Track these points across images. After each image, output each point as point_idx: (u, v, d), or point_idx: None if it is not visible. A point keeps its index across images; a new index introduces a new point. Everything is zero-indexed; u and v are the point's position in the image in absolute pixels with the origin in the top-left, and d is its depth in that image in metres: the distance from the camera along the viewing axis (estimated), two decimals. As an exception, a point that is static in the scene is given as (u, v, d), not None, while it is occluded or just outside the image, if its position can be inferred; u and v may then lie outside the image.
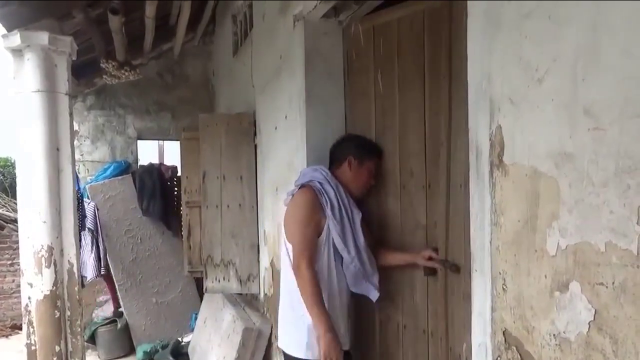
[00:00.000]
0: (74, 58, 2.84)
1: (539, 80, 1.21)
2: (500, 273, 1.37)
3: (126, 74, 4.31)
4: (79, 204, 4.44)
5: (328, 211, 2.11)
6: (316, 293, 2.04)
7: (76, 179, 2.89)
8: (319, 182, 2.17)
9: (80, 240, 4.59)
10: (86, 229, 4.67)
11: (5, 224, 6.38)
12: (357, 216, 2.17)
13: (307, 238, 2.10)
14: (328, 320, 2.03)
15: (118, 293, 5.05)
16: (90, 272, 4.75)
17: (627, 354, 1.00)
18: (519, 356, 1.31)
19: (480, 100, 1.45)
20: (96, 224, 4.83)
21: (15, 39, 2.59)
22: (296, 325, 2.15)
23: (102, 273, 4.79)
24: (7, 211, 6.86)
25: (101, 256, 4.79)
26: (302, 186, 2.22)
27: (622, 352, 1.00)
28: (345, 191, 2.20)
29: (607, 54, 1.04)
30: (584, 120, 1.08)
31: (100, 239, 4.82)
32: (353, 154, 2.23)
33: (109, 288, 5.16)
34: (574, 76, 1.11)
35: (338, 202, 2.14)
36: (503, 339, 1.37)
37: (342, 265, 2.19)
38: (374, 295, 2.22)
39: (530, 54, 1.25)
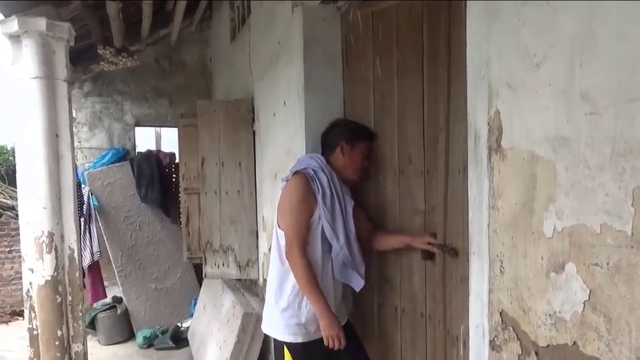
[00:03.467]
0: (72, 44, 2.83)
1: (536, 65, 1.23)
2: (497, 255, 1.40)
3: (123, 60, 4.30)
4: (77, 190, 4.46)
5: (319, 198, 2.11)
6: (310, 278, 2.07)
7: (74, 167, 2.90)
8: (313, 170, 2.18)
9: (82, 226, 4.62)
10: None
11: (3, 211, 6.38)
12: (350, 204, 2.18)
13: (299, 224, 2.12)
14: (324, 302, 2.07)
15: (118, 279, 5.07)
16: (87, 258, 4.77)
17: (620, 331, 1.03)
18: (515, 336, 1.34)
19: (479, 86, 1.46)
20: (89, 209, 4.84)
21: (13, 24, 2.58)
22: (277, 308, 2.18)
23: (95, 259, 4.80)
24: (4, 198, 6.86)
25: (94, 242, 4.79)
26: (295, 173, 2.23)
27: (616, 330, 1.04)
28: (340, 179, 2.21)
29: (603, 40, 1.05)
30: (580, 104, 1.10)
31: (93, 225, 4.81)
32: (344, 138, 2.23)
33: (92, 276, 5.10)
34: (571, 62, 1.13)
35: (330, 190, 2.15)
36: (500, 319, 1.40)
37: (330, 252, 2.21)
38: (358, 284, 2.23)
39: (528, 40, 1.26)
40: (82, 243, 4.70)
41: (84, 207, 4.76)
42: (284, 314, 2.16)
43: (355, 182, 2.30)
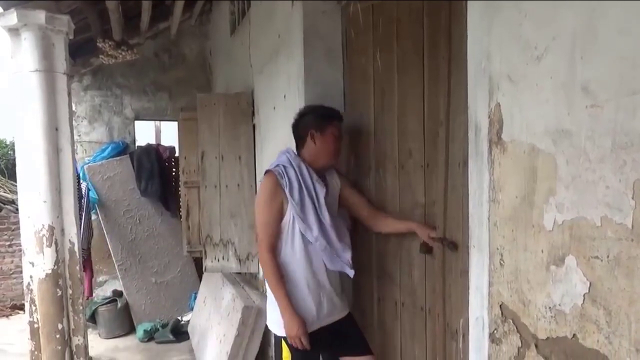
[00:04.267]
0: (71, 37, 2.82)
1: (537, 58, 1.23)
2: (497, 248, 1.40)
3: (123, 53, 4.29)
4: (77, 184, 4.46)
5: (287, 193, 2.13)
6: (276, 276, 2.12)
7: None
8: (284, 166, 2.19)
9: (81, 219, 4.62)
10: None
11: (2, 205, 6.38)
12: (322, 193, 2.17)
13: (267, 223, 2.15)
14: (288, 302, 2.10)
15: (118, 273, 5.08)
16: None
17: (620, 324, 1.03)
18: (515, 328, 1.34)
19: (480, 79, 1.46)
20: (87, 204, 4.86)
21: (12, 17, 2.57)
22: (274, 303, 2.20)
23: (87, 248, 4.81)
24: (4, 192, 6.86)
25: (83, 238, 4.81)
26: (267, 172, 2.25)
27: (615, 322, 1.04)
28: (311, 170, 2.21)
29: (604, 33, 1.05)
30: (581, 97, 1.10)
31: (85, 216, 4.82)
32: (313, 127, 2.23)
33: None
34: (572, 54, 1.13)
35: (298, 182, 2.15)
36: (500, 312, 1.40)
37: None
38: (349, 272, 2.23)
39: (529, 33, 1.26)
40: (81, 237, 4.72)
41: (83, 201, 4.77)
42: (277, 306, 2.17)
43: (331, 165, 2.30)
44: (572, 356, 1.16)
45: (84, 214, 4.83)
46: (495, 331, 1.44)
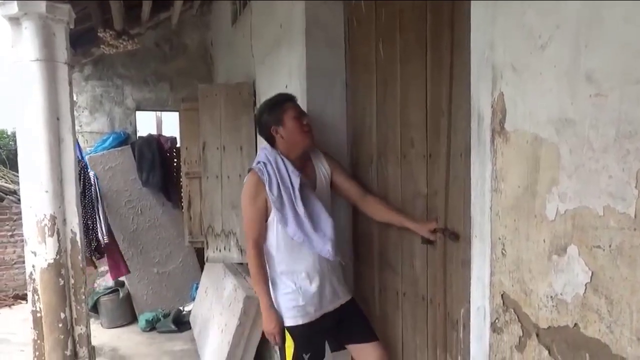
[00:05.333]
0: (72, 27, 2.81)
1: (541, 47, 1.22)
2: (499, 238, 1.40)
3: (124, 43, 4.28)
4: (84, 173, 4.47)
5: (267, 188, 2.15)
6: (260, 272, 2.18)
7: (78, 149, 2.89)
8: (263, 162, 2.21)
9: (92, 208, 4.64)
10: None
11: (4, 195, 6.39)
12: (296, 182, 2.16)
13: (251, 219, 2.20)
14: (267, 299, 2.18)
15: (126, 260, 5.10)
16: (103, 239, 4.82)
17: (621, 313, 1.03)
18: (516, 318, 1.35)
19: (483, 68, 1.45)
20: (96, 193, 4.86)
21: (13, 6, 2.56)
22: (274, 293, 2.24)
23: (106, 241, 4.84)
24: (5, 183, 6.87)
25: (103, 225, 4.83)
26: (250, 170, 2.28)
27: (617, 311, 1.04)
28: (286, 160, 2.20)
29: (608, 22, 1.04)
30: (585, 86, 1.09)
31: (101, 208, 4.85)
32: (272, 123, 2.24)
33: (111, 254, 5.16)
34: (576, 43, 1.12)
35: (275, 177, 2.16)
36: (501, 301, 1.41)
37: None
38: (333, 258, 2.21)
39: (533, 22, 1.25)
40: (94, 225, 4.74)
41: (93, 189, 4.78)
42: (283, 298, 2.20)
43: (309, 146, 2.28)
44: (573, 345, 1.16)
45: (98, 203, 4.84)
46: (496, 320, 1.44)
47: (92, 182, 4.80)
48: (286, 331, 2.20)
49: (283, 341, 2.21)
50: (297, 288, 2.17)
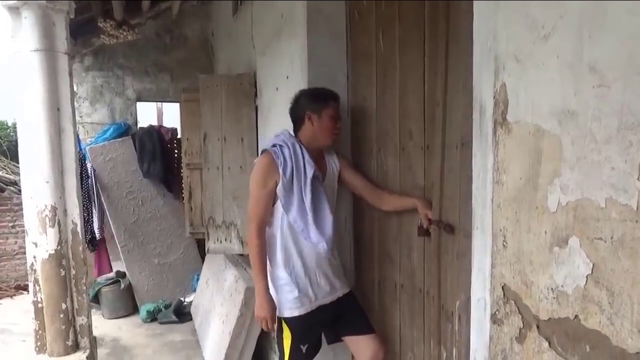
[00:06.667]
0: (72, 16, 2.79)
1: (544, 37, 1.21)
2: (500, 230, 1.40)
3: (124, 33, 4.26)
4: (81, 164, 4.47)
5: (280, 170, 2.15)
6: (260, 256, 2.17)
7: (77, 140, 2.89)
8: (280, 145, 2.21)
9: (88, 201, 4.65)
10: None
11: (5, 186, 6.40)
12: (310, 172, 2.17)
13: (258, 201, 2.18)
14: (264, 284, 2.17)
15: (121, 255, 5.11)
16: (96, 233, 4.84)
17: (622, 305, 1.03)
18: (517, 309, 1.35)
19: (485, 59, 1.44)
20: (93, 186, 4.87)
21: (12, -4, 2.54)
22: (271, 284, 2.24)
23: (98, 237, 4.86)
24: (6, 173, 6.87)
25: (97, 219, 4.85)
26: (263, 151, 2.27)
27: (618, 303, 1.04)
28: (304, 149, 2.21)
29: (613, 12, 1.03)
30: (588, 77, 1.08)
31: (96, 202, 4.86)
32: (309, 109, 2.24)
33: (97, 250, 5.17)
34: (579, 33, 1.11)
35: (291, 160, 2.17)
36: (502, 293, 1.41)
37: None
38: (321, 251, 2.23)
39: (536, 11, 1.24)
40: (90, 218, 4.75)
41: (90, 182, 4.79)
42: (280, 289, 2.21)
43: (329, 145, 2.32)
44: (574, 337, 1.16)
45: (94, 195, 4.85)
46: (496, 312, 1.44)
47: (89, 175, 4.80)
48: (283, 323, 2.21)
49: (277, 329, 2.22)
50: (292, 278, 2.17)
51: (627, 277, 1.02)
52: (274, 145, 2.23)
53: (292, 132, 2.31)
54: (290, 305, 2.19)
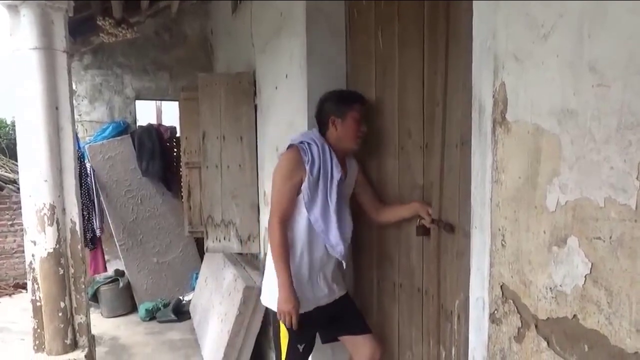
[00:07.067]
0: (71, 14, 2.79)
1: (544, 36, 1.20)
2: (499, 229, 1.40)
3: (123, 32, 4.25)
4: (80, 163, 4.46)
5: (307, 168, 2.13)
6: (283, 250, 2.11)
7: (76, 139, 2.88)
8: (308, 143, 2.19)
9: (88, 200, 4.65)
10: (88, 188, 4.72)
11: (4, 184, 6.39)
12: (337, 175, 2.16)
13: (283, 195, 2.15)
14: (288, 278, 2.10)
15: (120, 253, 5.11)
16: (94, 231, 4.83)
17: (621, 304, 1.03)
18: (515, 309, 1.35)
19: (485, 58, 1.44)
20: (93, 184, 4.87)
21: (11, -6, 2.54)
22: (272, 279, 2.20)
23: (99, 234, 4.86)
24: (5, 172, 6.87)
25: (97, 218, 4.85)
26: (290, 146, 2.25)
27: (617, 303, 1.04)
28: (332, 152, 2.20)
29: (613, 11, 1.03)
30: (588, 76, 1.08)
31: (96, 201, 4.86)
32: (333, 113, 2.23)
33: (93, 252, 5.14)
34: (579, 32, 1.11)
35: (319, 159, 2.15)
36: (500, 292, 1.40)
37: None
38: (342, 261, 2.24)
39: (536, 10, 1.24)
40: (90, 216, 4.75)
41: (89, 180, 4.78)
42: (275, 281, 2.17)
43: (354, 150, 2.29)
44: (572, 336, 1.16)
45: (94, 194, 4.85)
46: (495, 312, 1.44)
47: (88, 173, 4.80)
48: (281, 322, 2.20)
49: (275, 328, 2.21)
50: (296, 277, 2.16)
51: (625, 276, 1.02)
52: (302, 142, 2.21)
53: (319, 132, 2.28)
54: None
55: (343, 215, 2.20)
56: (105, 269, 5.12)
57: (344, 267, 2.29)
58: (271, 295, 2.21)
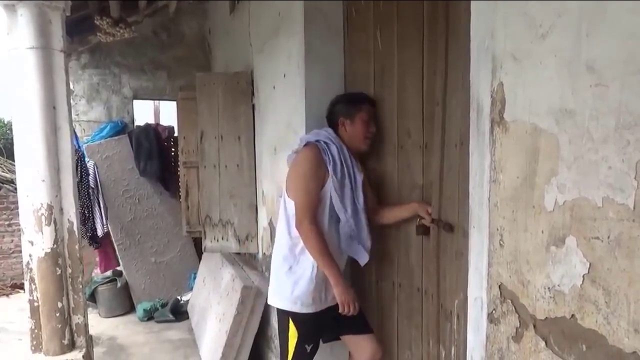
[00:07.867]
0: (68, 14, 2.78)
1: (542, 36, 1.20)
2: (497, 229, 1.40)
3: (121, 31, 4.24)
4: (80, 162, 4.46)
5: (330, 169, 2.11)
6: (323, 247, 2.08)
7: (75, 138, 2.87)
8: (324, 142, 2.18)
9: (88, 199, 4.64)
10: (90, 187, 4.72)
11: (1, 184, 6.37)
12: (359, 177, 2.17)
13: (310, 193, 2.11)
14: (338, 270, 2.10)
15: (118, 253, 5.10)
16: (99, 229, 4.83)
17: (619, 304, 1.03)
18: (513, 308, 1.35)
19: (483, 57, 1.44)
20: (96, 182, 4.87)
21: (8, -7, 2.53)
22: (285, 279, 2.19)
23: (104, 231, 4.85)
24: (3, 172, 6.85)
25: (103, 214, 4.84)
26: (307, 144, 2.22)
27: (615, 302, 1.04)
28: (350, 152, 2.20)
29: (612, 11, 1.03)
30: (586, 76, 1.08)
31: (100, 197, 4.86)
32: (342, 114, 2.24)
33: (103, 246, 5.15)
34: (578, 32, 1.11)
35: (341, 162, 2.14)
36: (499, 292, 1.40)
37: (338, 224, 2.21)
38: (364, 258, 2.24)
39: (535, 10, 1.24)
40: (90, 215, 4.74)
41: (90, 178, 4.77)
42: (294, 285, 2.16)
43: (364, 151, 2.30)
44: (570, 336, 1.16)
45: (97, 192, 4.84)
46: (493, 311, 1.44)
47: (92, 172, 4.79)
48: (290, 321, 2.19)
49: (283, 327, 2.20)
50: (313, 276, 2.14)
51: (623, 276, 1.02)
52: (318, 140, 2.19)
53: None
54: (303, 301, 2.15)
55: (365, 216, 2.20)
56: (117, 264, 5.11)
57: (363, 263, 2.28)
58: (281, 295, 2.20)
